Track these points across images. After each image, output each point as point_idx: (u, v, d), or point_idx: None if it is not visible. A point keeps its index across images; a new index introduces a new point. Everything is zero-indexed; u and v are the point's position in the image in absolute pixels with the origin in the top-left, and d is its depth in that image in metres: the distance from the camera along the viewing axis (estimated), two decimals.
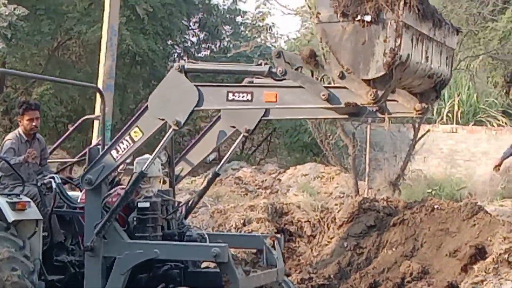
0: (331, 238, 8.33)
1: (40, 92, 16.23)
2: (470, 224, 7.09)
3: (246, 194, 11.63)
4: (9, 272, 5.38)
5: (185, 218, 6.53)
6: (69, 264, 6.10)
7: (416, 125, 11.44)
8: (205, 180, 8.25)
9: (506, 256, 6.68)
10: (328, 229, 8.61)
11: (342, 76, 4.51)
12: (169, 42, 18.96)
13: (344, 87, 4.58)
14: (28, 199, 5.79)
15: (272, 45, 19.99)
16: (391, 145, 13.92)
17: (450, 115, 15.29)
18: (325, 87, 4.66)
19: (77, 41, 18.10)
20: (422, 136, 11.74)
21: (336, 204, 10.05)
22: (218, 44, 19.43)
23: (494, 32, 16.06)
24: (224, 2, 19.76)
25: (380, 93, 4.39)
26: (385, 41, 4.26)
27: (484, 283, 6.55)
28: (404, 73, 4.44)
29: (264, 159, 18.78)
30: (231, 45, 17.37)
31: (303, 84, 4.72)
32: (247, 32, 20.56)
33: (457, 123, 14.91)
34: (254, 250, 7.21)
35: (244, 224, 8.64)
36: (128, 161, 5.71)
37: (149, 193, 5.91)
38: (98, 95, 10.04)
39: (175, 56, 19.54)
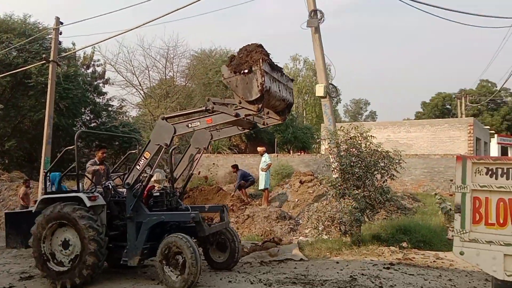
0: None
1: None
2: None
3: None
4: (89, 233, 7.93)
5: (179, 199, 9.18)
6: (120, 226, 8.49)
7: None
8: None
9: None
10: None
11: (240, 102, 7.17)
12: None
13: (242, 107, 7.20)
14: (98, 194, 8.45)
15: None
16: None
17: None
18: (234, 109, 7.44)
19: None
20: None
21: None
22: None
23: None
24: None
25: (259, 106, 7.05)
26: (257, 80, 6.84)
27: None
28: (270, 96, 7.16)
29: None
30: None
31: (223, 110, 7.51)
32: None
33: None
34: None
35: None
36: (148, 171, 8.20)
37: (159, 188, 8.91)
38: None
39: None
